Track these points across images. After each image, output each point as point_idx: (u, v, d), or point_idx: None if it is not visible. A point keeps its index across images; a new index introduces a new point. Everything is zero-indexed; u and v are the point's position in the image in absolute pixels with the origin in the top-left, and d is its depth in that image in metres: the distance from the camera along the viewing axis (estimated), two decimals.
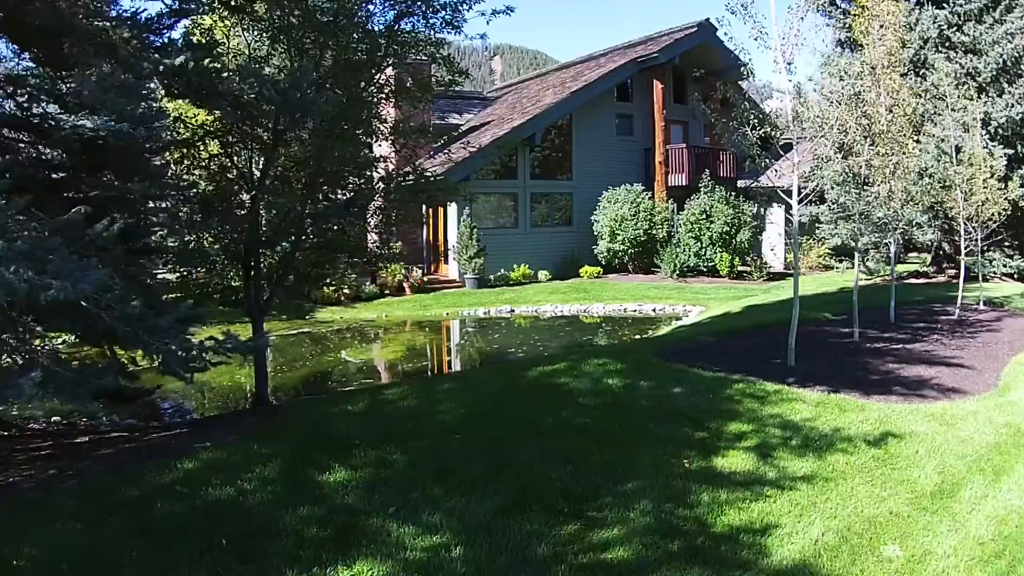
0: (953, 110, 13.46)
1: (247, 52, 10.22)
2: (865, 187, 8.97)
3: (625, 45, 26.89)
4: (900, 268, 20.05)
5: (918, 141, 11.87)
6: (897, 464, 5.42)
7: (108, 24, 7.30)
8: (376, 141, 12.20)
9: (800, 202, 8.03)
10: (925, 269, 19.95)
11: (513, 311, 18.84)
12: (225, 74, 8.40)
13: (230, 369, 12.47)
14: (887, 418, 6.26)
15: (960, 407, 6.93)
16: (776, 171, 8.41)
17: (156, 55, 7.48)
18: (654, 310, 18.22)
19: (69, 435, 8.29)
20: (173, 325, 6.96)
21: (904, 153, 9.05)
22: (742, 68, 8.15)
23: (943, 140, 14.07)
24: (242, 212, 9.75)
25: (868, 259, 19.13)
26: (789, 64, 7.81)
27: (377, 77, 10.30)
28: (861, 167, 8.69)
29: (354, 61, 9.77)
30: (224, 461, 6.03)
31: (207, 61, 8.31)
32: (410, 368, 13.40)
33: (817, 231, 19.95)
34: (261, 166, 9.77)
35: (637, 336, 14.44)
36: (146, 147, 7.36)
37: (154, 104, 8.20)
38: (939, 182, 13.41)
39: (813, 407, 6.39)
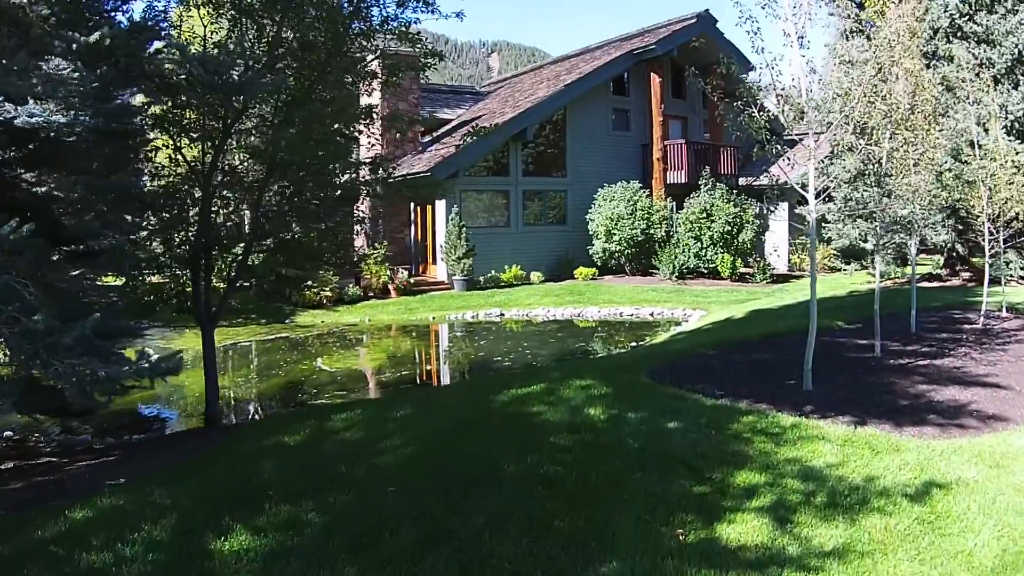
0: (972, 103, 12.26)
1: (204, 36, 9.03)
2: (886, 179, 7.77)
3: (622, 38, 25.66)
4: (908, 271, 18.80)
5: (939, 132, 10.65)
6: (947, 528, 4.23)
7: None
8: (351, 130, 10.98)
9: (818, 197, 6.81)
10: (938, 272, 18.70)
11: (503, 315, 17.66)
12: (160, 55, 7.26)
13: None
14: (928, 461, 5.06)
15: (1008, 442, 5.73)
16: (789, 160, 7.18)
17: (72, 32, 6.35)
18: (652, 314, 17.03)
19: (9, 456, 7.29)
20: (83, 341, 5.84)
21: (931, 144, 7.86)
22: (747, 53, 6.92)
23: (960, 134, 12.88)
24: (191, 211, 8.60)
25: (879, 262, 17.91)
26: (801, 38, 6.64)
27: (344, 60, 9.08)
28: (882, 158, 7.50)
29: (311, 41, 8.60)
30: (119, 510, 4.90)
31: (160, 45, 7.21)
32: (386, 379, 12.22)
33: (824, 231, 18.72)
34: (210, 159, 8.62)
35: (633, 344, 13.25)
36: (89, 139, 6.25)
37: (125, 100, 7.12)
38: (957, 178, 12.21)
39: (839, 447, 5.16)
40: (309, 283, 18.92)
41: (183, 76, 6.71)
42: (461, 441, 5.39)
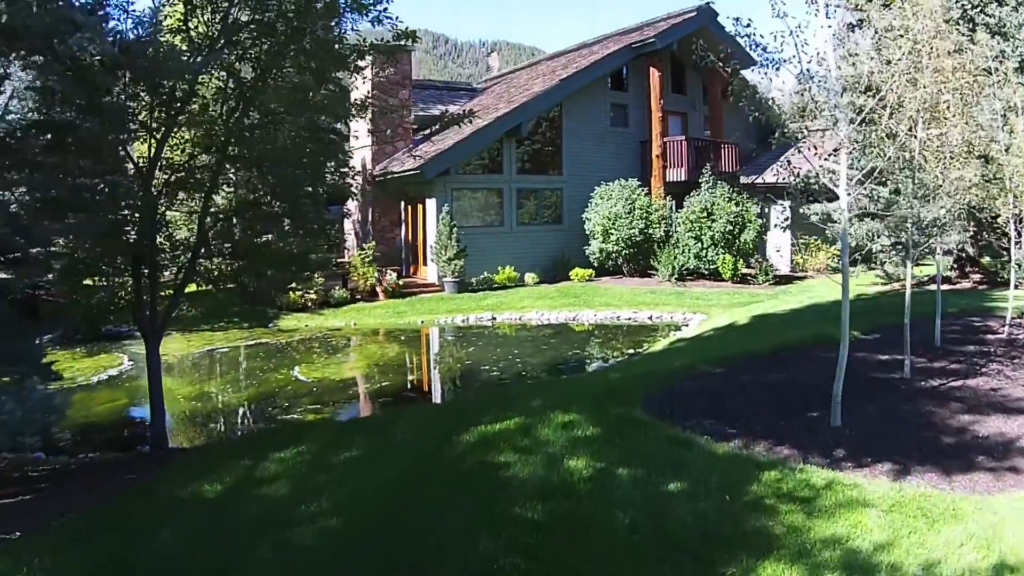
0: (994, 96, 11.11)
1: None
2: (919, 173, 6.63)
3: (620, 32, 24.46)
4: (917, 271, 17.63)
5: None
6: None
7: None
8: (321, 121, 9.78)
9: (852, 190, 5.61)
10: (947, 273, 17.46)
11: (495, 319, 16.54)
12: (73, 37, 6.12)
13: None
14: (994, 532, 3.91)
15: None
16: (814, 149, 5.99)
17: None
18: (650, 318, 15.90)
19: None
20: None
21: (970, 133, 6.73)
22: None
23: (981, 126, 11.70)
24: (129, 212, 7.47)
25: (886, 262, 16.74)
26: (828, 4, 5.52)
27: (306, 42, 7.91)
28: (915, 149, 6.36)
29: (267, 21, 7.47)
30: None
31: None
32: (363, 390, 11.15)
33: (828, 230, 17.55)
34: (152, 154, 7.49)
35: (630, 351, 12.14)
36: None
37: None
38: (984, 177, 11.04)
39: (886, 516, 3.98)
40: (292, 286, 17.86)
41: (96, 56, 5.58)
42: (405, 507, 4.24)
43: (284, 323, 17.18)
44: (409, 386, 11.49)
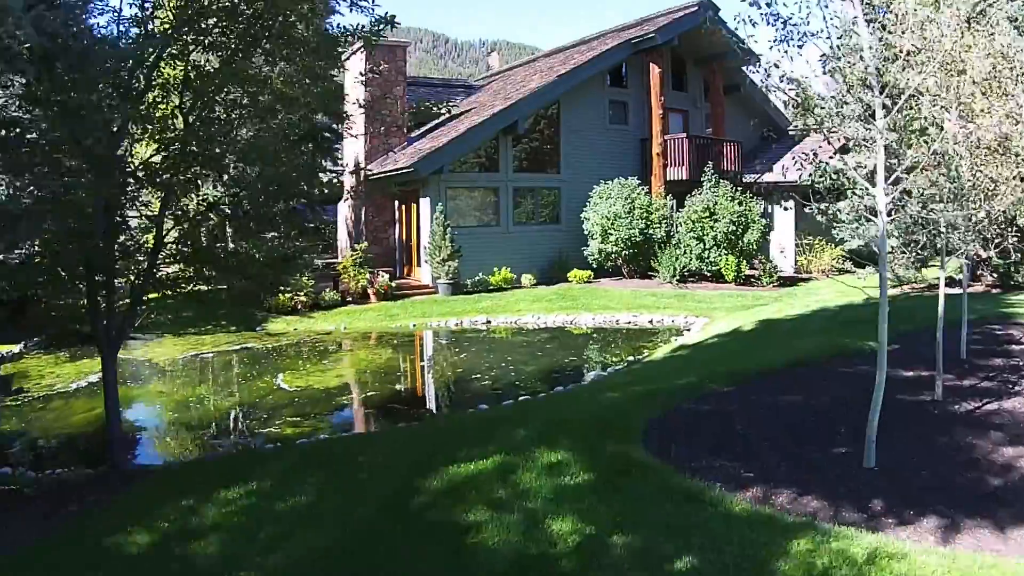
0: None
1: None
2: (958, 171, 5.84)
3: (619, 27, 23.65)
4: (926, 273, 16.81)
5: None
6: None
7: None
8: (303, 115, 8.97)
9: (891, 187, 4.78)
10: (958, 276, 16.57)
11: (490, 322, 15.78)
12: None
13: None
14: None
15: None
16: (825, 145, 5.18)
17: None
18: (651, 322, 15.13)
19: None
20: None
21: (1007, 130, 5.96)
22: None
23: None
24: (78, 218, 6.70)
25: (896, 264, 15.91)
26: None
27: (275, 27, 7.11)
28: (950, 143, 5.58)
29: (230, 5, 6.69)
30: None
31: None
32: (347, 401, 10.39)
33: (835, 231, 16.75)
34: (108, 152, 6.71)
35: (630, 359, 11.36)
36: None
37: None
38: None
39: None
40: (282, 288, 17.11)
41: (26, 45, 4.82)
42: None
43: (272, 326, 16.44)
44: (396, 396, 10.74)
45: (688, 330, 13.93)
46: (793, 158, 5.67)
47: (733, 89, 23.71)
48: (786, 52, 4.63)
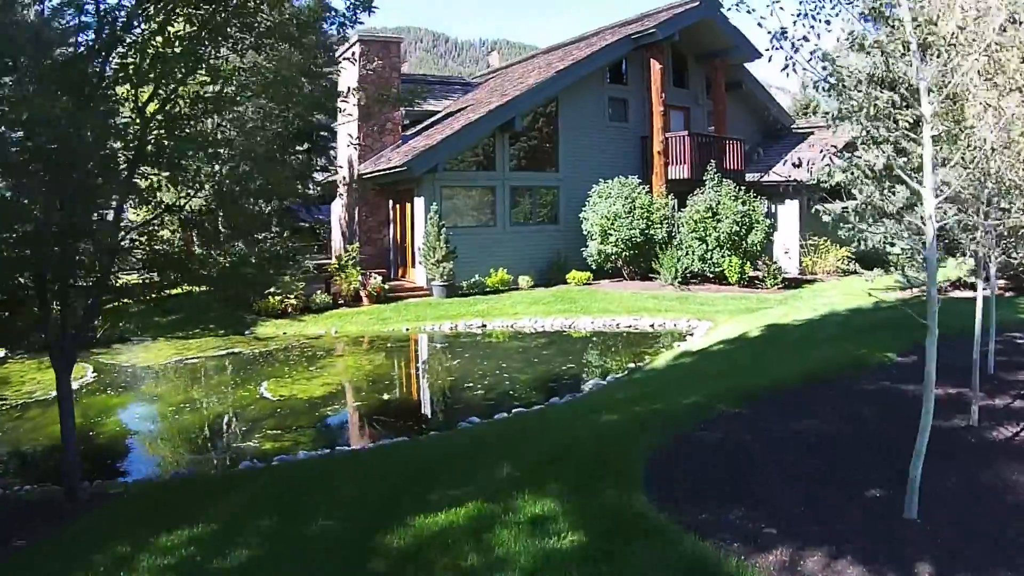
0: None
1: None
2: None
3: (619, 23, 22.99)
4: (943, 273, 16.08)
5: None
6: None
7: None
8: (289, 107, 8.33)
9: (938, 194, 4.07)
10: (970, 280, 15.82)
11: (485, 326, 15.15)
12: None
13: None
14: None
15: None
16: (830, 146, 4.52)
17: None
18: (652, 325, 14.49)
19: None
20: None
21: None
22: None
23: None
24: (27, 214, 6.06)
25: (906, 267, 15.25)
26: None
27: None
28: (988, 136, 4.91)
29: None
30: None
31: None
32: (331, 412, 9.74)
33: (841, 231, 16.08)
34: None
35: (631, 365, 10.69)
36: None
37: None
38: None
39: None
40: (272, 291, 16.47)
41: None
42: None
43: (261, 330, 15.81)
44: (381, 407, 10.12)
45: (691, 335, 13.29)
46: (820, 151, 5.01)
47: (734, 86, 23.05)
48: (812, 28, 3.97)
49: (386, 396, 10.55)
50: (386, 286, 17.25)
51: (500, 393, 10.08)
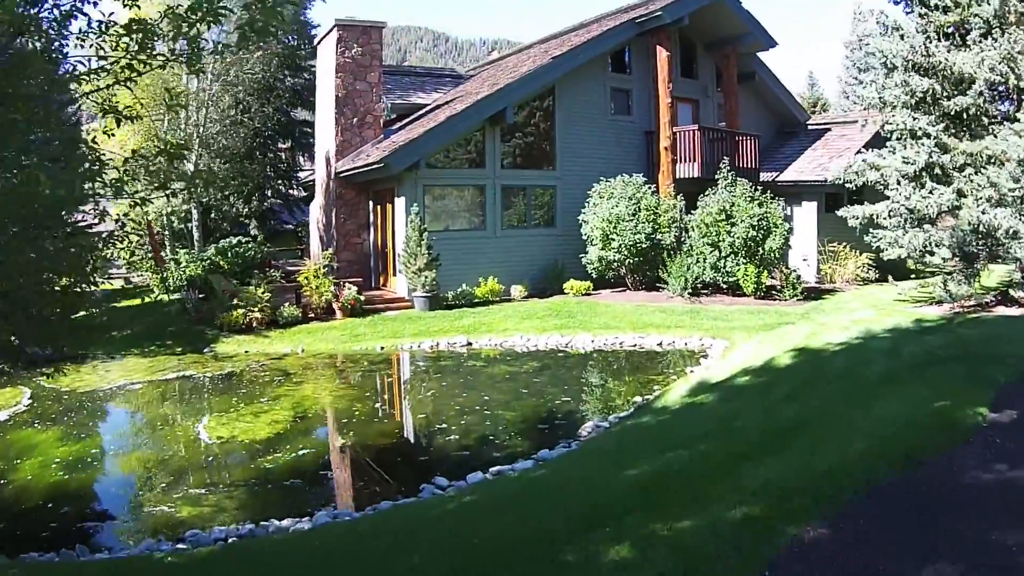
0: None
1: None
2: None
3: (622, 8, 21.02)
4: (977, 288, 14.01)
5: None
6: None
7: None
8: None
9: None
10: (1016, 294, 13.70)
11: (471, 344, 13.26)
12: None
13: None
14: None
15: None
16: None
17: None
18: (660, 344, 12.58)
19: None
20: None
21: None
22: None
23: None
24: None
25: (949, 280, 13.28)
26: None
27: None
28: None
29: None
30: None
31: None
32: (272, 464, 7.77)
33: (872, 238, 14.14)
34: None
35: (636, 400, 8.75)
36: None
37: None
38: None
39: None
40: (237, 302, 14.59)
41: None
42: None
43: (222, 347, 13.94)
44: (328, 461, 8.25)
45: (705, 356, 11.39)
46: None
47: (747, 78, 21.10)
48: None
49: (340, 441, 8.66)
50: (362, 297, 15.33)
51: (478, 438, 8.20)
